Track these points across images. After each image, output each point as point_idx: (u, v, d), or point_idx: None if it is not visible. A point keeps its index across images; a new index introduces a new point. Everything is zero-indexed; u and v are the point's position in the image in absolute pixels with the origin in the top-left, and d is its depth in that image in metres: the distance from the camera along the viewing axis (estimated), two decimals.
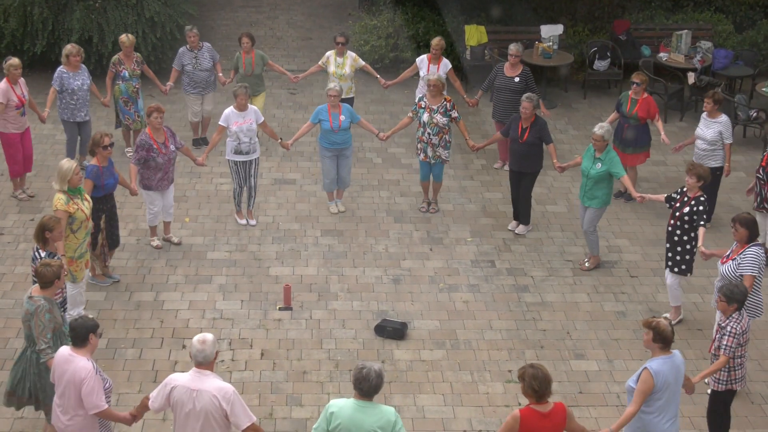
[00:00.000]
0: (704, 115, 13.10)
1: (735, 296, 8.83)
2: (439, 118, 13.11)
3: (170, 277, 12.08)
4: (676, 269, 11.14)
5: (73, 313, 10.70)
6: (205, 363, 7.57)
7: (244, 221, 13.30)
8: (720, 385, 9.13)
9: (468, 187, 14.36)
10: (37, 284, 8.86)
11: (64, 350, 8.05)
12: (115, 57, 14.63)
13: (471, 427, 9.71)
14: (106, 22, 16.88)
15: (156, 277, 12.08)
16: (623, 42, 18.22)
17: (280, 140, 13.69)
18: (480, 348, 10.98)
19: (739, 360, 9.01)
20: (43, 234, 9.57)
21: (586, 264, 12.47)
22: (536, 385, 7.37)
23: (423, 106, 13.26)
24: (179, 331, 11.03)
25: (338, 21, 20.97)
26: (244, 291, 11.89)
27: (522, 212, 13.22)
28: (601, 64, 17.86)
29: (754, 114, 16.01)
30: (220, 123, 12.95)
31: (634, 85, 13.63)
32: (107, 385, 8.09)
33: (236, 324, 11.25)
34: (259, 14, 21.58)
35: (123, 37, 14.56)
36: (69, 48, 13.86)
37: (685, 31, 17.75)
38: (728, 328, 8.85)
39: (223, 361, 10.60)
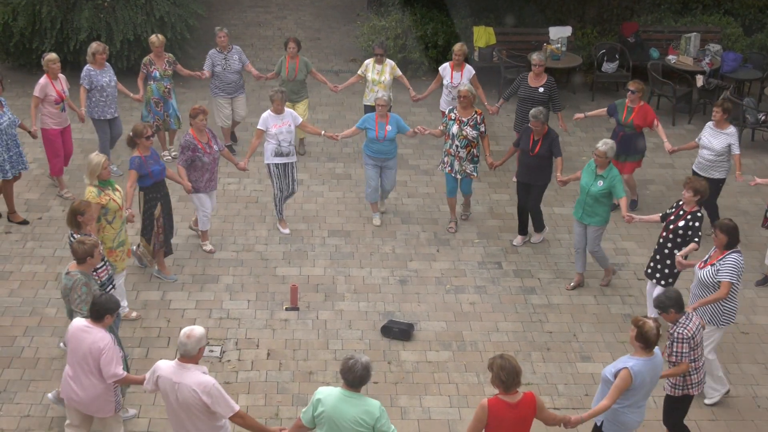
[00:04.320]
0: (711, 124, 12.77)
1: (666, 303, 8.76)
2: (469, 131, 12.83)
3: (177, 277, 12.09)
4: (663, 282, 10.89)
5: (123, 304, 11.04)
6: (187, 356, 7.78)
7: (287, 231, 13.17)
8: (676, 391, 9.04)
9: (475, 188, 14.33)
10: (74, 261, 9.21)
11: (79, 321, 8.41)
12: (146, 58, 14.57)
13: None
14: (114, 21, 16.89)
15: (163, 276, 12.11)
16: (632, 44, 18.21)
17: (322, 133, 13.48)
18: (486, 350, 10.98)
19: (694, 364, 8.87)
20: (75, 218, 9.83)
21: (603, 281, 12.28)
22: (504, 375, 7.51)
23: (453, 117, 12.96)
24: None
25: (347, 21, 21.00)
26: (251, 291, 11.90)
27: (534, 222, 13.06)
28: (609, 67, 17.85)
29: (763, 117, 15.98)
30: (258, 127, 12.76)
31: (630, 93, 13.36)
32: (123, 354, 8.60)
33: (243, 324, 11.26)
34: (268, 14, 21.61)
35: (153, 38, 14.51)
36: (95, 46, 13.80)
37: (694, 33, 17.72)
38: (675, 334, 8.77)
39: (229, 360, 10.62)
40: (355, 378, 7.44)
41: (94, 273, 9.55)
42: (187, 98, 16.61)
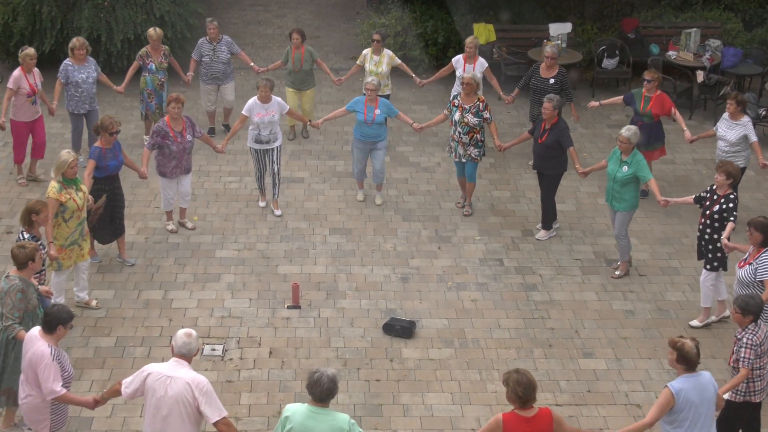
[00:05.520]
0: (725, 116, 13.00)
1: (750, 308, 8.63)
2: (470, 118, 13.07)
3: (179, 276, 12.10)
4: (708, 266, 11.09)
5: (59, 300, 10.82)
6: (188, 355, 7.72)
7: (263, 203, 13.54)
8: (738, 396, 8.87)
9: (476, 185, 14.33)
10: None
11: (34, 331, 8.30)
12: (143, 50, 14.82)
13: (479, 426, 9.68)
14: (114, 20, 16.89)
15: (164, 275, 12.10)
16: (632, 40, 18.18)
17: (309, 121, 13.94)
18: (488, 347, 10.98)
19: (758, 371, 8.77)
20: (30, 217, 9.83)
21: (617, 273, 12.30)
22: (520, 390, 7.34)
23: (456, 104, 13.26)
24: None
25: (346, 19, 20.98)
26: (253, 289, 11.90)
27: (543, 216, 13.13)
28: (609, 63, 17.82)
29: (764, 112, 15.96)
30: (242, 112, 13.16)
31: (646, 83, 13.56)
32: (67, 374, 8.25)
33: (244, 322, 11.27)
34: (267, 12, 21.59)
35: (151, 31, 14.75)
36: (73, 41, 14.04)
37: (694, 29, 17.70)
38: (744, 340, 8.67)
39: (231, 359, 10.62)
40: (322, 392, 7.27)
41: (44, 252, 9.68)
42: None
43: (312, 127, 14.06)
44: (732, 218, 10.79)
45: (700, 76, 16.99)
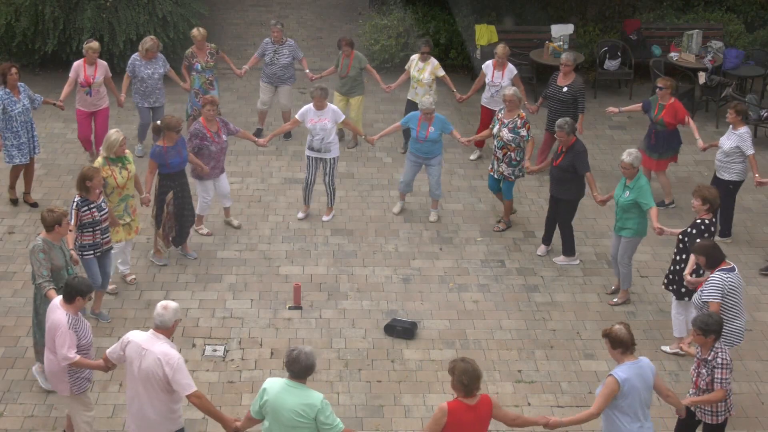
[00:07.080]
0: (731, 126, 12.70)
1: (710, 327, 8.43)
2: (505, 133, 12.79)
3: (180, 276, 12.11)
4: (675, 294, 10.70)
5: (123, 269, 11.72)
6: (162, 327, 7.95)
7: (302, 215, 13.47)
8: (719, 417, 8.72)
9: (478, 186, 14.36)
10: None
11: (56, 300, 8.65)
12: (188, 50, 14.99)
13: None
14: (117, 21, 16.91)
15: (166, 276, 12.11)
16: (634, 42, 18.19)
17: (364, 135, 13.93)
18: (490, 348, 10.99)
19: (729, 387, 8.62)
20: (84, 183, 10.32)
21: (615, 300, 11.89)
22: (466, 379, 7.55)
23: (499, 117, 13.06)
24: (189, 330, 11.06)
25: (348, 20, 20.98)
26: (254, 290, 11.91)
27: (562, 242, 12.62)
28: (611, 64, 17.83)
29: (765, 114, 15.96)
30: (296, 116, 13.20)
31: (658, 90, 13.41)
32: (85, 341, 8.56)
33: (246, 323, 11.27)
34: (270, 13, 21.57)
35: (194, 31, 14.89)
36: (150, 43, 14.34)
37: (696, 30, 17.70)
38: (718, 360, 8.45)
39: (233, 360, 10.63)
40: (301, 368, 7.56)
41: (99, 214, 10.36)
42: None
43: (368, 143, 14.04)
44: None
45: (702, 77, 17.00)
